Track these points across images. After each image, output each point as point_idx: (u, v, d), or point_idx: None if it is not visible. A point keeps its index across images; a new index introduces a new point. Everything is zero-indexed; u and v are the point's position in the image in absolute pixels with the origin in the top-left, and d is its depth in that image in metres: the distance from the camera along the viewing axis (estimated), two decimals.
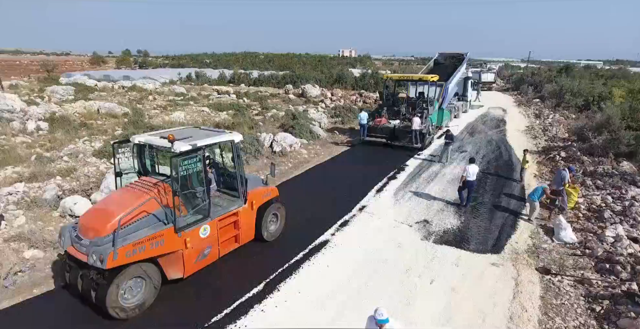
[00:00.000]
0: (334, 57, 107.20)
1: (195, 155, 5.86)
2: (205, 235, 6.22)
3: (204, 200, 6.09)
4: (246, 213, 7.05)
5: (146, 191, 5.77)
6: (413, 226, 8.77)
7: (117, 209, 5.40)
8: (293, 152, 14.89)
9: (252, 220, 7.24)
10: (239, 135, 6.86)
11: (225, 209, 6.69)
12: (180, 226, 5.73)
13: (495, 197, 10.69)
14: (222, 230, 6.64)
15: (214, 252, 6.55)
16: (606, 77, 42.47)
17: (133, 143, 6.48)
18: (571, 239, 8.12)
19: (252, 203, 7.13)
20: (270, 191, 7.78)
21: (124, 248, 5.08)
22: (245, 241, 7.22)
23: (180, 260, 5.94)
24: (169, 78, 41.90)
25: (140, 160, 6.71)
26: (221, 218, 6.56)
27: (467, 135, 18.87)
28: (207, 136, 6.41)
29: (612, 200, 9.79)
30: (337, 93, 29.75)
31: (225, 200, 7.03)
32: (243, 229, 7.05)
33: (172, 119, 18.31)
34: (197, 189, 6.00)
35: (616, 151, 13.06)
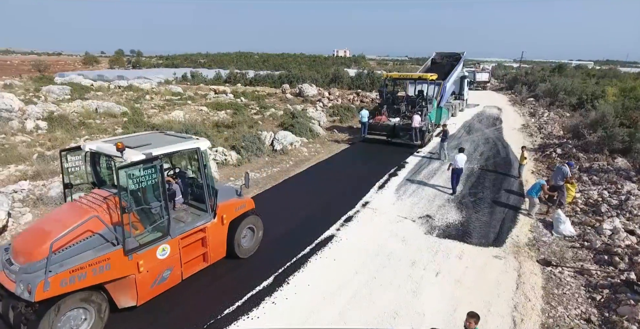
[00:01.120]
0: (329, 57, 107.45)
1: (151, 166, 5.11)
2: (164, 255, 5.49)
3: (163, 217, 5.37)
4: (215, 229, 6.31)
5: (92, 208, 5.07)
6: (416, 221, 8.93)
7: (53, 229, 4.70)
8: (294, 150, 15.00)
9: (222, 236, 6.51)
10: (206, 141, 6.17)
11: (190, 225, 5.95)
12: (130, 247, 4.99)
13: (495, 193, 10.90)
14: (186, 248, 5.91)
15: (176, 274, 5.78)
16: (598, 77, 43.13)
17: (85, 151, 5.81)
18: (570, 232, 8.34)
19: (223, 217, 6.39)
20: (245, 203, 6.96)
21: (58, 276, 4.33)
22: (214, 259, 6.49)
23: (133, 286, 5.20)
24: (164, 78, 41.73)
25: (95, 170, 6.05)
26: (185, 235, 5.81)
27: (464, 133, 19.12)
28: (168, 143, 5.71)
29: (609, 194, 10.04)
30: (334, 93, 29.90)
31: (191, 215, 6.26)
32: (212, 246, 6.31)
33: (172, 118, 18.31)
34: (152, 204, 5.26)
35: (611, 147, 13.35)
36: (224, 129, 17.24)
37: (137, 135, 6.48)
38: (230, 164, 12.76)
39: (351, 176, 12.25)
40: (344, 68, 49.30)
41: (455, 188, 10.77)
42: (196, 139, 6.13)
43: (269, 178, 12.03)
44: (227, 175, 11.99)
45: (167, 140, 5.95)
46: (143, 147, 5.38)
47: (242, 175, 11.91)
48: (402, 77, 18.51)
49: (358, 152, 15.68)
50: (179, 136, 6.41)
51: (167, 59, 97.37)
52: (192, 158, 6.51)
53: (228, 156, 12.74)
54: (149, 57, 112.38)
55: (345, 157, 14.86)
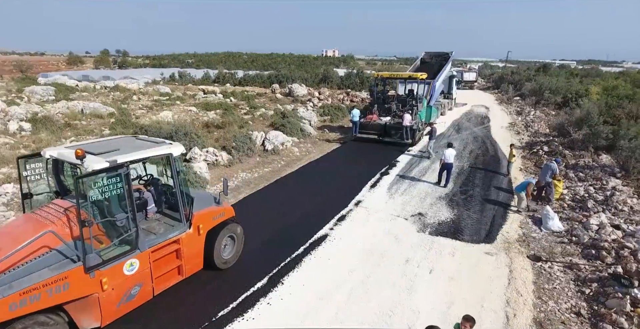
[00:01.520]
0: (318, 57, 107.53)
1: (115, 174, 4.71)
2: (132, 271, 5.05)
3: (130, 229, 4.95)
4: (191, 240, 5.91)
5: (49, 221, 4.68)
6: (409, 219, 8.99)
7: (2, 246, 4.32)
8: (285, 150, 14.95)
9: (199, 247, 6.12)
10: (180, 147, 5.72)
11: (163, 237, 5.53)
12: (91, 264, 4.54)
13: (485, 190, 11.05)
14: (157, 262, 5.49)
15: (146, 291, 5.37)
16: (581, 76, 44.10)
17: (45, 158, 5.35)
18: (558, 227, 8.51)
19: (199, 227, 6.00)
20: (224, 211, 6.55)
21: (5, 299, 3.95)
22: (190, 272, 6.10)
23: (96, 306, 4.76)
24: (152, 78, 41.20)
25: (58, 179, 5.59)
26: (156, 248, 5.39)
27: (454, 132, 19.34)
28: (137, 149, 5.29)
29: (594, 190, 10.27)
30: (324, 93, 29.92)
31: (164, 226, 5.85)
32: (187, 259, 5.91)
33: (160, 118, 18.07)
34: (118, 216, 4.89)
35: (595, 145, 13.67)
36: (214, 129, 17.09)
37: (106, 140, 6.05)
38: (221, 165, 12.65)
39: (343, 175, 12.27)
40: (333, 68, 49.40)
41: (444, 181, 11.18)
42: (169, 144, 5.71)
43: (260, 178, 11.96)
44: (218, 175, 11.87)
45: (137, 146, 5.51)
46: (109, 154, 4.95)
47: (233, 176, 11.86)
48: (393, 76, 18.65)
49: (349, 151, 15.72)
50: (152, 141, 5.96)
51: (154, 59, 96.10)
52: (166, 164, 6.01)
53: (219, 156, 12.63)
54: (135, 57, 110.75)
55: (337, 156, 14.88)
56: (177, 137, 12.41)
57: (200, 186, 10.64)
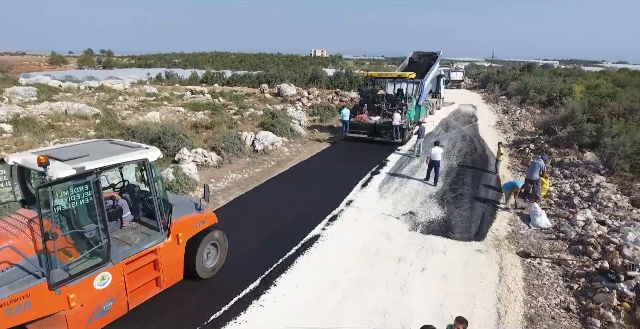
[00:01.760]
0: (306, 57, 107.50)
1: (83, 182, 4.38)
2: (103, 285, 4.72)
3: (101, 240, 4.61)
4: (170, 249, 5.61)
5: (11, 233, 4.40)
6: (400, 218, 9.03)
7: None
8: (275, 150, 14.88)
9: (178, 256, 5.81)
10: (156, 151, 5.39)
11: (138, 247, 5.20)
12: (56, 280, 4.20)
13: (474, 188, 11.18)
14: (133, 274, 5.15)
15: (120, 305, 5.03)
16: (564, 75, 45.06)
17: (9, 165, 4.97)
18: (546, 224, 8.66)
19: (178, 235, 5.69)
20: (206, 218, 6.24)
21: None
22: (170, 284, 5.77)
23: (63, 324, 4.42)
24: (138, 79, 40.57)
25: (24, 186, 5.24)
26: (131, 259, 5.07)
27: (442, 131, 19.53)
28: (109, 154, 4.94)
29: (580, 187, 10.49)
30: (313, 92, 29.87)
31: (140, 235, 5.50)
32: (166, 270, 5.59)
33: (147, 119, 17.77)
34: (86, 227, 4.57)
35: (580, 142, 13.96)
36: (203, 130, 16.90)
37: (78, 145, 5.66)
38: (210, 165, 12.50)
39: (334, 175, 12.26)
40: (322, 68, 49.40)
41: (433, 179, 11.38)
42: (145, 149, 5.37)
43: (251, 179, 11.87)
44: (208, 176, 11.74)
45: (110, 151, 5.16)
46: (77, 160, 4.58)
47: (223, 177, 11.74)
48: (382, 75, 18.72)
49: (340, 150, 15.73)
50: (127, 145, 5.59)
51: (139, 59, 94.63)
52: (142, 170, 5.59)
53: (208, 157, 12.48)
54: (121, 57, 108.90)
55: (327, 156, 14.87)
56: (165, 138, 12.24)
57: (189, 187, 10.51)
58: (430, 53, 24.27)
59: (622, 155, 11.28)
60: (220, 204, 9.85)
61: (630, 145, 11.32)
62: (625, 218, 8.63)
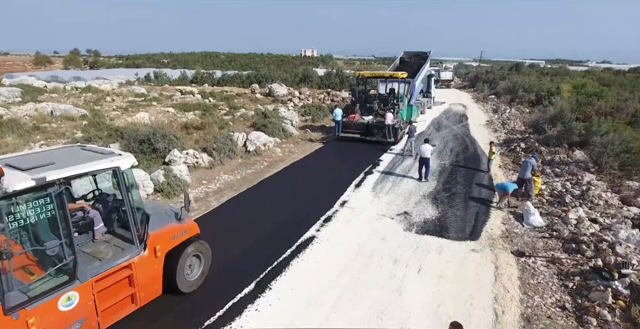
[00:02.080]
0: (297, 56, 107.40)
1: (44, 194, 4.01)
2: (70, 306, 4.29)
3: (66, 257, 4.23)
4: (146, 264, 5.19)
5: None
6: (394, 218, 8.99)
7: None
8: (267, 150, 14.74)
9: (156, 271, 5.40)
10: (130, 159, 4.99)
11: (109, 263, 4.76)
12: (12, 304, 3.82)
13: (467, 187, 11.21)
14: (104, 292, 4.72)
15: (90, 326, 4.62)
16: (551, 75, 45.77)
17: None
18: (539, 223, 8.71)
19: (156, 248, 5.29)
20: (187, 228, 5.87)
21: None
22: (147, 300, 5.34)
23: None
24: (125, 79, 39.91)
25: None
26: (102, 276, 4.64)
27: (434, 130, 19.60)
28: (76, 162, 4.49)
29: (571, 185, 10.60)
30: (304, 92, 29.76)
31: (113, 249, 5.07)
32: (142, 285, 5.16)
33: (136, 120, 17.46)
34: (48, 244, 4.17)
35: (569, 141, 14.13)
36: (194, 131, 16.67)
37: (44, 151, 5.16)
38: (202, 167, 12.31)
39: (327, 175, 12.19)
40: (312, 68, 49.32)
41: (423, 175, 11.59)
42: (117, 156, 4.95)
43: (243, 180, 11.72)
44: (200, 178, 11.55)
45: (79, 158, 4.72)
46: (38, 169, 4.13)
47: (215, 178, 11.57)
48: (374, 75, 18.70)
49: (332, 150, 15.66)
50: (99, 151, 5.14)
51: (127, 59, 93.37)
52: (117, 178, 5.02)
53: (199, 158, 12.28)
54: (108, 56, 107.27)
55: (320, 156, 14.78)
56: (155, 139, 12.00)
57: (180, 189, 10.32)
58: (421, 53, 24.38)
59: (611, 153, 11.44)
60: (212, 206, 9.69)
61: (619, 144, 11.48)
62: (616, 215, 8.74)
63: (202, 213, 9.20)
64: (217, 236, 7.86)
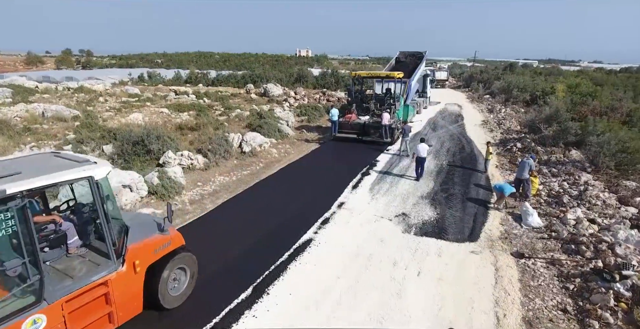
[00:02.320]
0: (291, 56, 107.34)
1: (4, 209, 3.63)
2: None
3: (31, 277, 3.83)
4: (125, 280, 4.75)
5: None
6: (393, 220, 8.90)
7: None
8: (263, 151, 14.59)
9: (136, 287, 4.96)
10: (105, 167, 4.54)
11: (82, 281, 4.32)
12: None
13: (464, 188, 11.15)
14: (76, 313, 4.28)
15: None
16: (544, 74, 46.04)
17: None
18: (538, 223, 8.67)
19: (135, 263, 4.86)
20: (170, 240, 5.43)
21: None
22: (125, 319, 4.88)
23: None
24: (119, 79, 39.56)
25: None
26: (73, 296, 4.21)
27: (430, 130, 19.57)
28: (44, 172, 4.04)
29: (569, 185, 10.58)
30: (300, 93, 29.62)
31: (88, 264, 4.63)
32: (120, 303, 4.71)
33: (130, 121, 17.22)
34: (7, 264, 3.73)
35: (565, 140, 14.15)
36: (188, 131, 16.47)
37: (13, 159, 4.70)
38: (197, 168, 12.14)
39: (324, 176, 12.07)
40: (307, 68, 49.19)
41: (419, 175, 11.68)
42: (92, 164, 4.47)
43: (239, 181, 11.57)
44: (195, 180, 11.38)
45: (50, 167, 4.29)
46: (1, 180, 3.74)
47: (211, 180, 11.41)
48: (371, 75, 18.62)
49: (329, 151, 15.55)
50: (73, 159, 4.65)
51: (120, 59, 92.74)
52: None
53: (194, 160, 12.11)
54: (101, 56, 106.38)
55: (317, 156, 14.66)
56: (149, 140, 11.79)
57: (175, 191, 10.15)
58: (417, 52, 24.36)
59: (608, 153, 11.45)
60: (208, 208, 9.54)
61: (615, 143, 11.50)
62: (614, 216, 8.72)
63: (197, 215, 9.05)
64: (213, 239, 7.75)
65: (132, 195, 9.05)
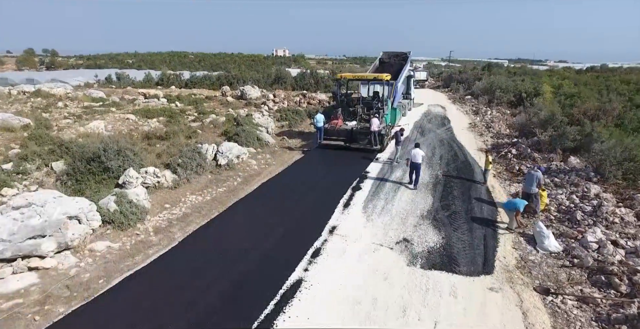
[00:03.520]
0: (268, 56, 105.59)
1: None
2: None
3: None
4: None
5: None
6: (394, 248, 7.70)
7: None
8: (241, 163, 13.15)
9: None
10: None
11: None
12: None
13: (466, 203, 10.11)
14: None
15: None
16: (519, 74, 46.09)
17: None
18: (555, 247, 7.69)
19: None
20: None
21: None
22: None
23: None
24: (84, 81, 36.89)
25: None
26: None
27: (418, 135, 18.59)
28: None
29: (579, 200, 9.71)
30: (279, 95, 28.16)
31: None
32: None
33: (90, 130, 15.35)
34: None
35: (563, 146, 13.41)
36: (157, 141, 14.81)
37: None
38: (165, 187, 10.59)
39: (310, 193, 10.77)
40: (285, 68, 47.68)
41: (415, 182, 11.11)
42: None
43: (214, 201, 10.12)
44: (162, 201, 9.86)
45: None
46: None
47: (180, 201, 9.94)
48: (357, 77, 17.43)
49: (314, 161, 14.24)
50: None
51: (88, 59, 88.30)
52: None
53: (161, 177, 10.55)
54: (67, 57, 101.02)
55: (301, 168, 13.32)
56: (107, 156, 10.14)
57: (137, 218, 8.60)
58: (400, 53, 23.42)
59: (614, 161, 10.69)
60: (175, 238, 8.07)
61: (621, 151, 10.76)
62: (636, 236, 7.86)
63: (162, 249, 7.58)
64: (177, 284, 6.32)
65: (81, 227, 7.46)
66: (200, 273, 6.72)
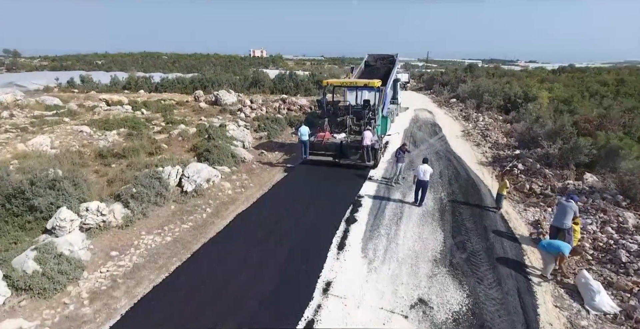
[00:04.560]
0: (245, 57, 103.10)
1: None
2: None
3: None
4: None
5: None
6: (409, 316, 5.90)
7: None
8: (212, 187, 11.08)
9: None
10: None
11: None
12: None
13: (483, 239, 8.44)
14: None
15: None
16: (498, 75, 45.31)
17: None
18: (611, 307, 6.09)
19: None
20: None
21: None
22: None
23: None
24: (44, 85, 33.56)
25: None
26: None
27: (411, 146, 16.96)
28: None
29: (616, 233, 8.22)
30: (257, 100, 26.06)
31: None
32: None
33: (29, 148, 12.88)
34: None
35: (576, 161, 12.03)
36: (113, 160, 12.57)
37: None
38: (113, 226, 8.44)
39: (296, 227, 8.85)
40: (263, 70, 45.51)
41: (420, 201, 10.23)
42: None
43: (175, 244, 8.07)
44: (106, 247, 7.72)
45: None
46: None
47: (132, 245, 7.84)
48: (345, 84, 15.62)
49: (299, 181, 12.30)
50: None
51: (54, 60, 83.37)
52: None
53: (108, 214, 8.38)
54: (31, 57, 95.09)
55: (283, 192, 11.35)
56: (33, 191, 7.90)
57: (68, 279, 6.48)
58: (387, 55, 21.83)
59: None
60: (117, 310, 6.00)
61: None
62: None
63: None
64: None
65: None
66: None
